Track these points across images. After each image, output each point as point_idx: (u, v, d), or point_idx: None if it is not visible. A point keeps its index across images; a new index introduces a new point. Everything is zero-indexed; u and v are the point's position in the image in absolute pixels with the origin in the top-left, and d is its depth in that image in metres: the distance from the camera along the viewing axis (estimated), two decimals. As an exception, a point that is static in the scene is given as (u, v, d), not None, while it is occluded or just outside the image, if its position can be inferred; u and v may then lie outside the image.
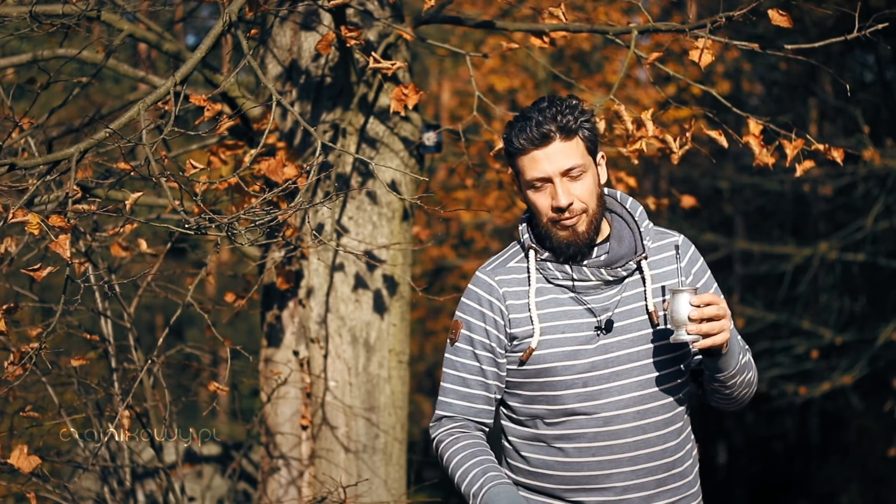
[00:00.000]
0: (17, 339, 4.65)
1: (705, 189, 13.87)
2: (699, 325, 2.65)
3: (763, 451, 15.25)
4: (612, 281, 2.82)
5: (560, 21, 4.21)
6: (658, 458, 2.82)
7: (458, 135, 4.61)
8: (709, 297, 2.66)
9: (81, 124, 4.88)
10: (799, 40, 4.31)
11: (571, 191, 2.76)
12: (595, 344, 2.80)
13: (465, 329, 2.89)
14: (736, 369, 2.80)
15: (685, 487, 2.89)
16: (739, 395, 2.89)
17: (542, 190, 2.78)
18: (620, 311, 2.82)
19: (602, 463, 2.80)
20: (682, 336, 2.67)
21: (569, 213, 2.76)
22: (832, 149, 4.09)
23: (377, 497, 4.51)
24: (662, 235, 2.92)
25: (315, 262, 4.52)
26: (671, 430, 2.84)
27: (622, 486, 2.81)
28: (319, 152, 3.54)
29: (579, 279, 2.82)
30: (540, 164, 2.75)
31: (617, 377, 2.80)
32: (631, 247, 2.86)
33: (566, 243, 2.79)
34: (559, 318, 2.82)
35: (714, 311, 2.66)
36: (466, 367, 2.89)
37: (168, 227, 4.08)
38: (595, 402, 2.80)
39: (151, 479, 5.06)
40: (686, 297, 2.67)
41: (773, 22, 3.90)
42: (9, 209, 3.27)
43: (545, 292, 2.84)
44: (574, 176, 2.76)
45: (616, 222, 2.91)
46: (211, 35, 3.61)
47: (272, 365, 4.56)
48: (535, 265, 2.84)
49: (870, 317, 12.82)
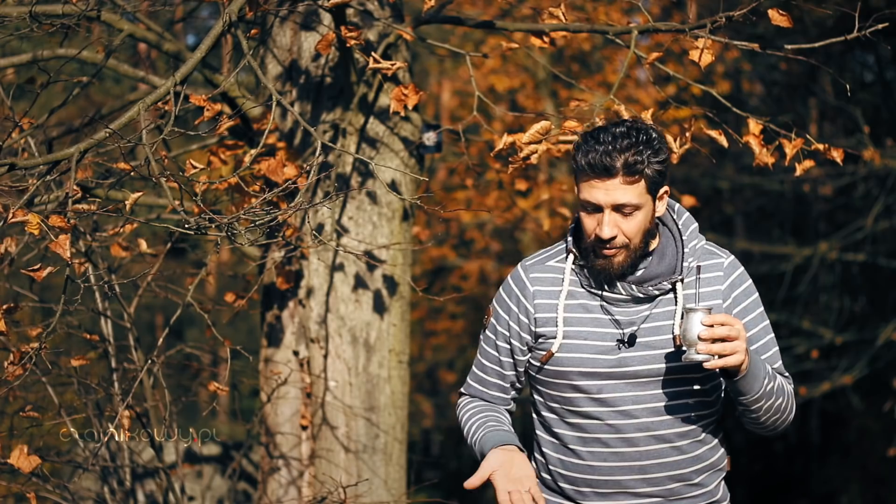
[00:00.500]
0: (17, 339, 4.65)
1: (705, 189, 13.86)
2: (710, 345, 2.64)
3: (763, 451, 15.25)
4: (643, 299, 2.83)
5: (560, 21, 4.21)
6: (670, 469, 2.84)
7: (458, 135, 4.61)
8: (721, 318, 2.65)
9: (81, 124, 4.88)
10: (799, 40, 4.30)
11: (619, 224, 2.75)
12: (615, 356, 2.82)
13: (494, 318, 2.96)
14: (760, 394, 2.78)
15: (702, 497, 2.90)
16: (768, 420, 2.86)
17: (591, 214, 2.77)
18: (647, 326, 2.82)
19: (613, 469, 2.83)
20: (693, 355, 2.67)
21: (609, 246, 2.76)
22: (832, 149, 4.09)
23: (377, 497, 4.51)
24: (713, 256, 2.91)
25: (315, 262, 4.52)
26: (686, 442, 2.85)
27: (633, 493, 2.84)
28: (319, 152, 3.54)
29: (609, 291, 2.83)
30: (595, 192, 2.73)
31: (633, 388, 2.81)
32: (671, 266, 2.84)
33: (602, 269, 2.80)
34: (585, 324, 2.84)
35: (726, 331, 2.64)
36: (487, 354, 2.98)
37: (168, 227, 4.08)
38: (610, 408, 2.82)
39: (151, 479, 5.06)
40: (699, 316, 2.66)
41: (773, 22, 3.90)
42: (9, 209, 3.27)
43: (577, 296, 2.86)
44: (625, 213, 2.74)
45: (664, 237, 2.89)
46: (211, 35, 3.61)
47: (272, 365, 4.56)
48: (572, 268, 2.86)
49: (870, 317, 12.82)
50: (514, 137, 4.00)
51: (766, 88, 13.99)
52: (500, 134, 4.09)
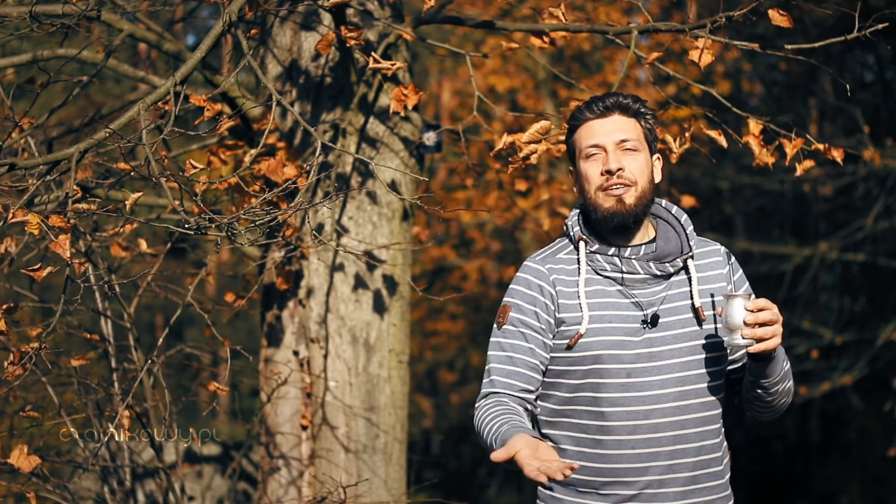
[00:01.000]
0: (17, 339, 4.65)
1: (705, 189, 13.86)
2: (754, 329, 2.70)
3: (763, 451, 15.25)
4: (659, 276, 2.87)
5: (560, 21, 4.21)
6: (694, 455, 2.85)
7: (458, 135, 4.61)
8: (763, 303, 2.71)
9: (81, 124, 4.88)
10: (799, 40, 4.30)
11: (623, 161, 2.85)
12: (640, 337, 2.84)
13: (515, 312, 2.91)
14: (780, 376, 2.85)
15: (719, 488, 2.92)
16: (778, 402, 2.93)
17: (594, 158, 2.88)
18: (666, 307, 2.86)
19: (641, 455, 2.83)
20: (737, 340, 2.71)
21: (618, 179, 2.83)
22: (832, 149, 4.09)
23: (377, 497, 4.51)
24: (707, 244, 2.99)
25: (315, 262, 4.52)
26: (708, 428, 2.87)
27: (658, 480, 2.83)
28: (319, 152, 3.54)
29: (628, 272, 2.86)
30: (596, 132, 2.88)
31: (659, 371, 2.83)
32: (677, 246, 2.92)
33: (611, 213, 2.85)
34: (607, 308, 2.85)
35: (769, 315, 2.70)
36: (514, 346, 2.89)
37: (168, 227, 4.09)
38: (637, 393, 2.82)
39: (151, 479, 5.06)
40: (741, 301, 2.71)
41: (773, 22, 3.90)
42: (9, 209, 3.27)
43: (593, 283, 2.88)
44: (628, 149, 2.87)
45: (661, 226, 2.97)
46: (211, 35, 3.61)
47: (272, 365, 4.56)
48: (585, 256, 2.89)
49: (870, 317, 12.82)
50: (514, 137, 4.00)
51: (766, 88, 13.99)
52: (500, 134, 4.09)
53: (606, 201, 2.85)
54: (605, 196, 2.85)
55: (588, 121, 2.90)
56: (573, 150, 2.95)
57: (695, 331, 2.85)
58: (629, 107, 2.90)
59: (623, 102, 2.89)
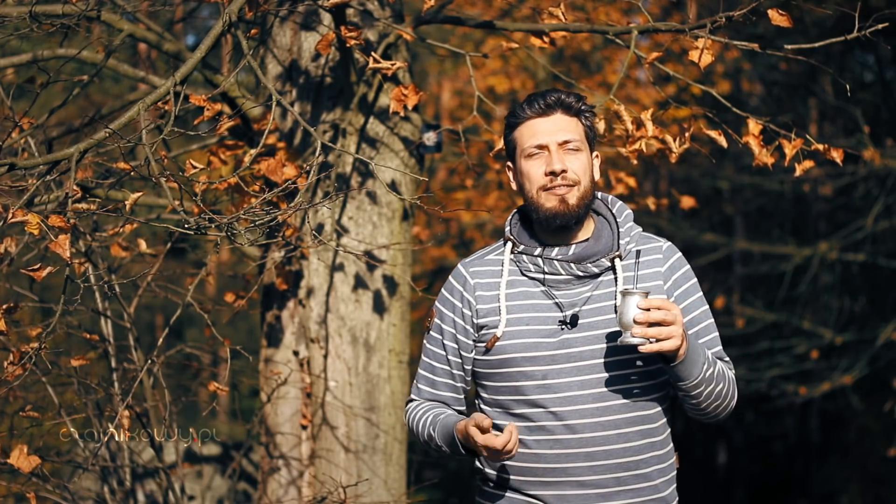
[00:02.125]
0: (17, 339, 4.65)
1: (705, 189, 13.86)
2: (645, 328, 2.65)
3: (763, 451, 15.25)
4: (584, 277, 2.86)
5: (560, 21, 4.21)
6: (617, 457, 2.82)
7: (458, 135, 4.61)
8: (658, 302, 2.66)
9: (81, 124, 4.88)
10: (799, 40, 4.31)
11: (565, 161, 2.85)
12: (558, 338, 2.83)
13: (438, 318, 2.99)
14: (699, 379, 2.78)
15: (648, 491, 2.86)
16: (709, 406, 2.86)
17: (537, 158, 2.87)
18: (588, 307, 2.84)
19: (559, 456, 2.81)
20: (628, 339, 2.68)
21: (561, 180, 2.83)
22: (832, 149, 4.09)
23: (377, 497, 4.51)
24: (650, 240, 2.95)
25: (315, 262, 4.52)
26: (633, 430, 2.83)
27: (578, 481, 2.81)
28: (319, 152, 3.54)
29: (550, 272, 2.86)
30: (539, 132, 2.87)
31: (578, 372, 2.81)
32: (608, 245, 2.89)
33: (553, 213, 2.84)
34: (526, 310, 2.86)
35: (661, 315, 2.65)
36: (435, 355, 3.00)
37: (168, 227, 4.08)
38: (554, 394, 2.82)
39: (151, 479, 5.06)
40: (635, 299, 2.66)
41: (773, 22, 3.90)
42: (9, 209, 3.27)
43: (517, 285, 2.90)
44: (570, 149, 2.86)
45: (599, 223, 2.96)
46: (211, 35, 3.61)
47: (272, 365, 4.57)
48: (511, 257, 2.91)
49: (870, 317, 12.82)
50: (514, 137, 4.00)
51: (766, 88, 13.99)
52: (500, 134, 4.09)
53: (549, 201, 2.85)
54: (548, 196, 2.85)
55: (529, 119, 2.89)
56: (513, 148, 2.94)
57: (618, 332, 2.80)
58: (571, 105, 2.88)
59: (565, 101, 2.88)
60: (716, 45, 4.07)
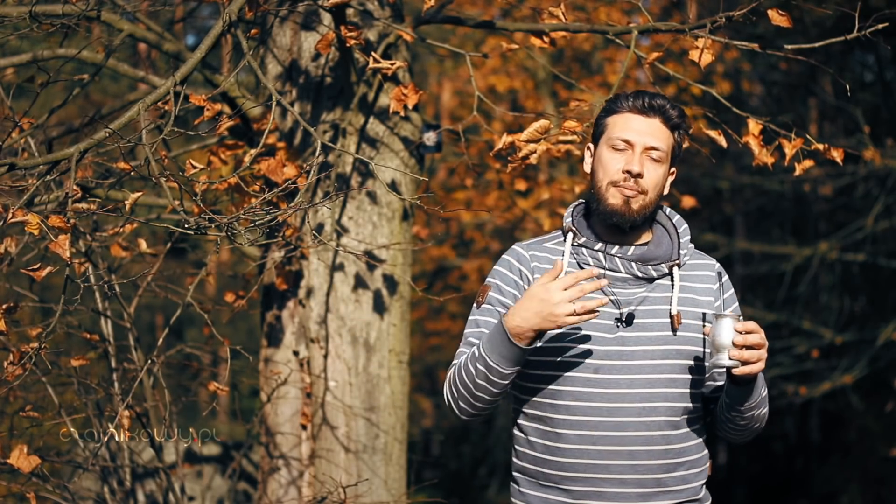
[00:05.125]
0: (17, 339, 4.65)
1: (705, 189, 13.86)
2: (741, 351, 2.69)
3: (763, 451, 15.24)
4: (641, 278, 2.87)
5: (560, 21, 4.21)
6: (658, 458, 2.82)
7: (458, 135, 4.61)
8: (752, 326, 2.71)
9: (81, 124, 4.88)
10: (799, 40, 4.31)
11: (645, 167, 2.84)
12: (613, 334, 2.84)
13: (494, 292, 2.93)
14: (757, 402, 2.85)
15: (686, 493, 2.89)
16: (751, 427, 2.93)
17: (620, 152, 2.86)
18: (644, 308, 2.86)
19: (601, 452, 2.81)
20: (723, 360, 2.70)
21: (634, 183, 2.83)
22: (832, 149, 4.09)
23: (377, 497, 4.51)
24: (702, 257, 2.99)
25: (315, 262, 4.52)
26: (676, 432, 2.85)
27: (619, 479, 2.81)
28: (319, 152, 3.54)
29: (610, 268, 2.86)
30: (632, 128, 2.86)
31: (628, 370, 2.82)
32: (668, 253, 2.92)
33: (613, 211, 2.85)
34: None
35: (757, 339, 2.69)
36: (489, 324, 2.90)
37: (168, 227, 4.09)
38: (603, 389, 2.81)
39: (151, 479, 5.06)
40: (730, 322, 2.70)
41: (773, 22, 3.90)
42: (9, 209, 3.27)
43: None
44: (654, 158, 2.86)
45: (658, 231, 2.97)
46: (211, 35, 3.61)
47: (272, 365, 4.57)
48: (571, 248, 2.90)
49: (870, 317, 12.82)
50: (514, 137, 4.00)
51: (766, 88, 13.99)
52: (500, 134, 4.09)
53: (614, 197, 2.85)
54: (616, 192, 2.85)
55: (629, 112, 2.88)
56: (600, 132, 2.92)
57: (669, 336, 2.83)
58: (671, 117, 2.88)
59: (668, 111, 2.87)
60: (716, 45, 4.07)
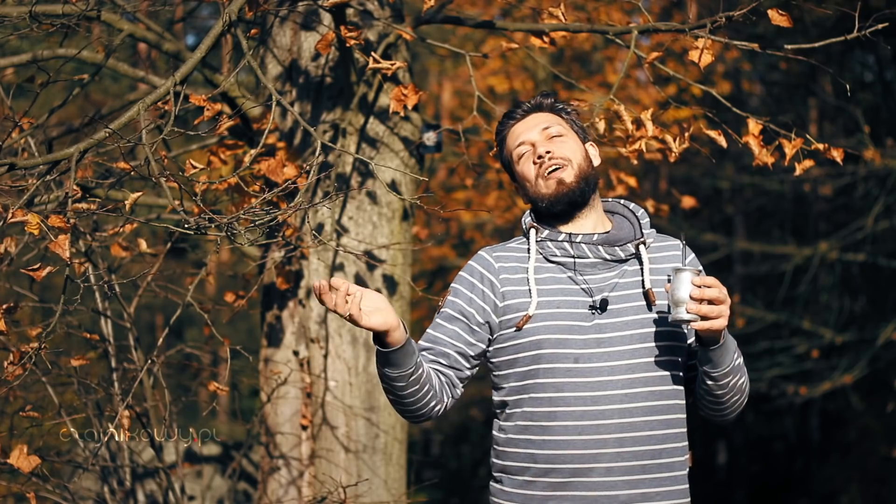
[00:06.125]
0: (17, 339, 4.65)
1: (705, 189, 13.87)
2: (699, 305, 2.68)
3: (763, 451, 15.25)
4: (610, 261, 2.88)
5: (560, 21, 4.21)
6: (643, 444, 2.82)
7: (458, 135, 4.61)
8: (711, 280, 2.71)
9: (81, 124, 4.88)
10: (799, 40, 4.31)
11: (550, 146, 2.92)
12: (590, 322, 2.83)
13: (451, 296, 2.96)
14: (730, 368, 2.83)
15: (670, 481, 2.86)
16: (730, 400, 2.90)
17: (526, 156, 2.95)
18: (616, 294, 2.86)
19: (588, 442, 2.80)
20: (681, 314, 2.69)
21: (549, 160, 2.88)
22: (832, 149, 4.09)
23: (377, 497, 4.51)
24: (666, 239, 3.00)
25: (315, 262, 4.52)
26: (659, 418, 2.84)
27: (606, 468, 2.80)
28: (319, 152, 3.54)
29: (577, 255, 2.87)
30: (521, 131, 2.98)
31: (608, 357, 2.82)
32: (631, 233, 2.94)
33: (554, 195, 2.88)
34: (555, 294, 2.86)
35: (715, 293, 2.69)
36: (440, 327, 2.93)
37: (168, 227, 4.09)
38: (584, 378, 2.81)
39: (151, 479, 5.06)
40: (688, 275, 2.70)
41: (773, 22, 3.90)
42: (9, 209, 3.27)
43: (543, 270, 2.89)
44: (552, 135, 2.94)
45: (617, 219, 3.00)
46: (211, 35, 3.61)
47: (272, 365, 4.57)
48: (535, 243, 2.91)
49: (870, 317, 12.82)
50: (514, 137, 3.99)
51: (766, 88, 13.99)
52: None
53: (547, 186, 2.89)
54: (545, 182, 2.89)
55: (512, 126, 2.99)
56: (508, 162, 3.01)
57: (646, 318, 2.83)
58: (544, 105, 3.00)
59: (539, 102, 3.00)
60: (716, 45, 4.07)
